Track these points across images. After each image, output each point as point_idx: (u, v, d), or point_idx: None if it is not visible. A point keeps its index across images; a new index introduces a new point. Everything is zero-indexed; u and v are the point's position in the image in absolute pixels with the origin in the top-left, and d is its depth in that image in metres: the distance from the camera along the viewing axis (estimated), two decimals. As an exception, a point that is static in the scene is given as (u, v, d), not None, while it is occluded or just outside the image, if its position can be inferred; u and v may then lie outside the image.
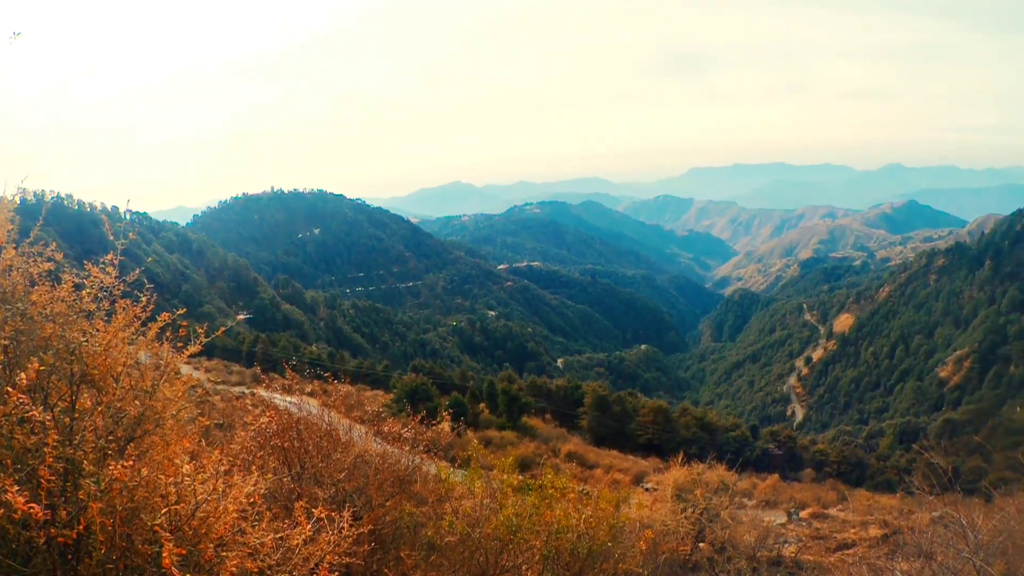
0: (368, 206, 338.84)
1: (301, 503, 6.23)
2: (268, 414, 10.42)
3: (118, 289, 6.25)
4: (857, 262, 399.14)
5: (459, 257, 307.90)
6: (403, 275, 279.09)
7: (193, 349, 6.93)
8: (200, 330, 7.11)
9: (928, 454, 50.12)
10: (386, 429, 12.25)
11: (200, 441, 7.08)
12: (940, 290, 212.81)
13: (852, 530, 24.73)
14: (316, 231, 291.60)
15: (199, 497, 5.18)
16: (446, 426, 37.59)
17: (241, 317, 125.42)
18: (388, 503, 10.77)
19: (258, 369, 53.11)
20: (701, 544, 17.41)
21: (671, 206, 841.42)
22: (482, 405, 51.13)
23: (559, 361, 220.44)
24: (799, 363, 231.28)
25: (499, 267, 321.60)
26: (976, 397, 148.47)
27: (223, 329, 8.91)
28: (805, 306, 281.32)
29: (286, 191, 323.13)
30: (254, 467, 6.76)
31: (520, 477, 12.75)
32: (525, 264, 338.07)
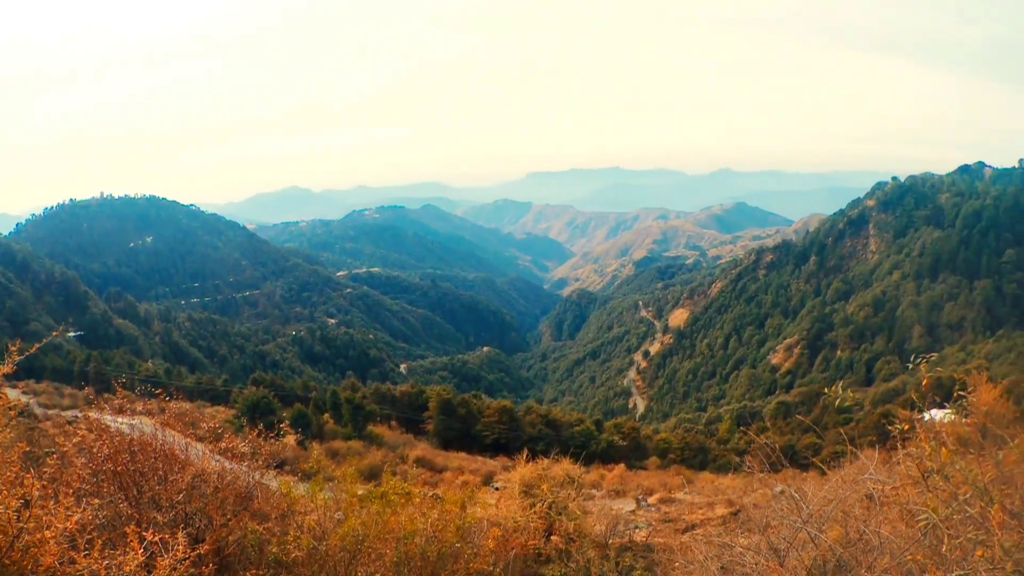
0: (203, 213, 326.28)
1: (132, 527, 5.85)
2: (100, 437, 9.81)
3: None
4: (690, 260, 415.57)
5: (297, 264, 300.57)
6: (240, 284, 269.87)
7: (4, 370, 6.36)
8: (12, 348, 6.53)
9: (763, 435, 52.30)
10: (223, 446, 11.73)
11: (21, 469, 6.53)
12: (769, 284, 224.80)
13: (699, 511, 25.27)
14: (149, 240, 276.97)
15: (18, 528, 4.75)
16: (291, 439, 36.58)
17: (71, 334, 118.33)
18: (230, 522, 10.29)
19: (90, 390, 50.42)
20: (553, 537, 17.46)
21: (510, 210, 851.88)
22: (326, 416, 50.00)
23: (402, 367, 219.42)
24: (638, 357, 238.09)
25: (338, 274, 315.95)
26: (807, 380, 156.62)
27: (37, 346, 8.20)
28: (641, 303, 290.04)
29: (116, 197, 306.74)
30: (85, 494, 6.33)
31: (369, 486, 12.47)
32: (364, 270, 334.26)
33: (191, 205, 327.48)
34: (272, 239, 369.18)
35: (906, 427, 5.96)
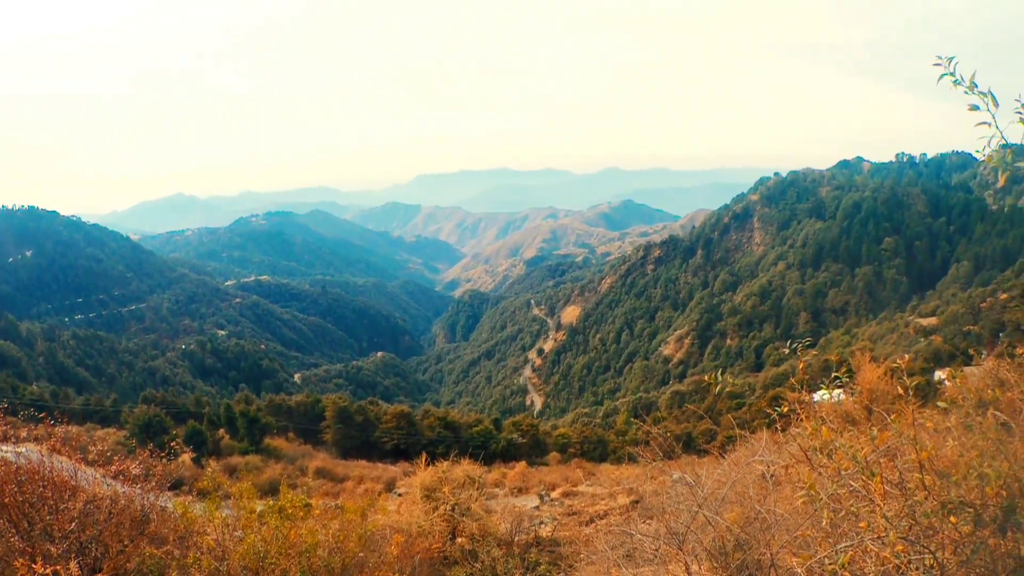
0: (84, 224, 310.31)
1: (23, 562, 5.73)
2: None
3: None
4: (579, 258, 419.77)
5: (184, 275, 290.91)
6: (126, 298, 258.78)
7: None
8: None
9: (660, 425, 53.25)
10: (115, 469, 11.41)
11: None
12: (658, 278, 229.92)
13: (602, 502, 25.75)
14: (28, 253, 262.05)
15: None
16: (186, 458, 35.79)
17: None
18: (128, 548, 10.07)
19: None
20: (458, 539, 17.55)
21: (399, 213, 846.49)
22: (221, 431, 48.80)
23: (296, 376, 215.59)
24: (532, 355, 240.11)
25: (227, 283, 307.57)
26: (698, 369, 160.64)
27: None
28: (533, 301, 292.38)
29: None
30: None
31: (269, 501, 12.33)
32: (253, 278, 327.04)
33: (73, 216, 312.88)
34: (157, 249, 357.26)
35: (785, 409, 6.27)
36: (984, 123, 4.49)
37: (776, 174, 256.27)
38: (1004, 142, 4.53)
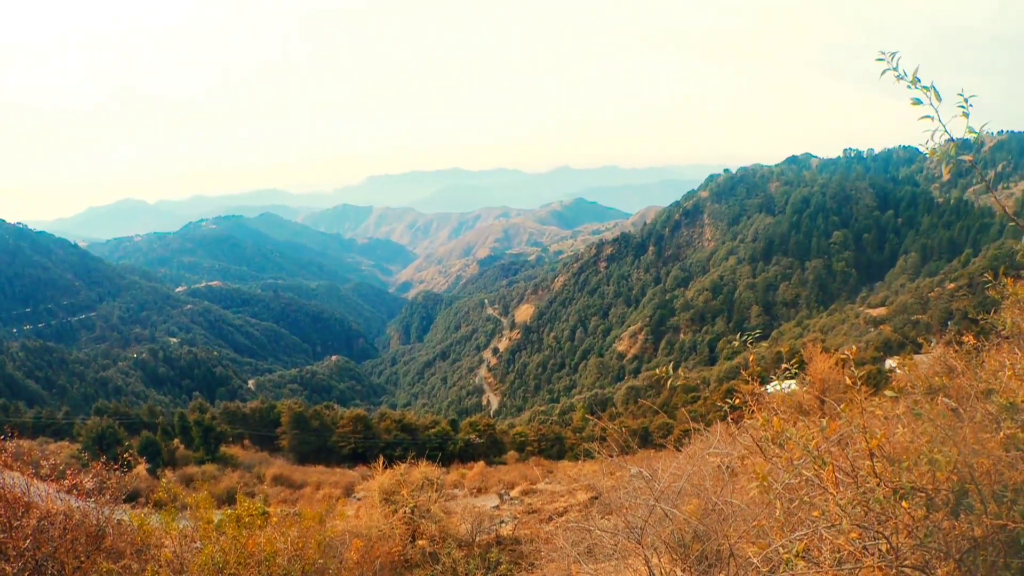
0: (30, 231, 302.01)
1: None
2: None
3: None
4: (532, 257, 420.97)
5: (134, 282, 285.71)
6: (75, 307, 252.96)
7: None
8: None
9: (616, 421, 53.55)
10: (68, 483, 11.21)
11: None
12: (611, 275, 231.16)
13: (561, 499, 25.91)
14: None
15: None
16: (141, 469, 35.35)
17: None
18: (84, 564, 9.91)
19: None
20: (419, 541, 17.51)
21: (351, 215, 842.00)
22: (176, 441, 48.30)
23: (250, 383, 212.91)
24: (487, 355, 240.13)
25: (177, 289, 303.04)
26: (653, 364, 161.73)
27: None
28: (487, 301, 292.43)
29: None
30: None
31: (227, 510, 12.20)
32: (204, 284, 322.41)
33: (18, 223, 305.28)
34: (106, 256, 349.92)
35: (737, 401, 6.37)
36: (927, 117, 4.59)
37: (726, 171, 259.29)
38: (948, 136, 4.63)
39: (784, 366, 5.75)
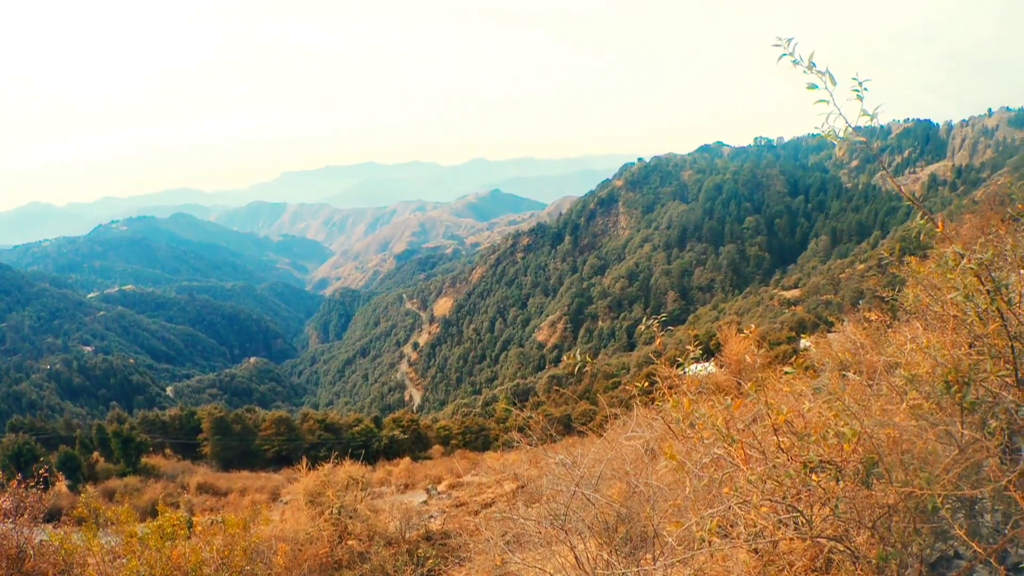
0: None
1: None
2: None
3: None
4: (449, 250, 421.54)
5: (44, 289, 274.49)
6: None
7: None
8: None
9: (539, 410, 53.95)
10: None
11: None
12: (528, 265, 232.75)
13: (489, 491, 25.97)
14: None
15: None
16: (61, 486, 34.42)
17: None
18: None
19: None
20: (349, 542, 17.42)
21: (265, 212, 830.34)
22: (96, 454, 46.91)
23: (168, 389, 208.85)
24: (408, 350, 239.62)
25: (89, 295, 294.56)
26: (573, 352, 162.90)
27: None
28: (405, 296, 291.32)
29: None
30: None
31: (152, 522, 11.99)
32: (117, 289, 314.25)
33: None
34: (13, 263, 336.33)
35: (646, 385, 6.53)
36: (823, 101, 4.72)
37: (640, 160, 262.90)
38: (844, 120, 4.78)
39: (688, 348, 5.88)
